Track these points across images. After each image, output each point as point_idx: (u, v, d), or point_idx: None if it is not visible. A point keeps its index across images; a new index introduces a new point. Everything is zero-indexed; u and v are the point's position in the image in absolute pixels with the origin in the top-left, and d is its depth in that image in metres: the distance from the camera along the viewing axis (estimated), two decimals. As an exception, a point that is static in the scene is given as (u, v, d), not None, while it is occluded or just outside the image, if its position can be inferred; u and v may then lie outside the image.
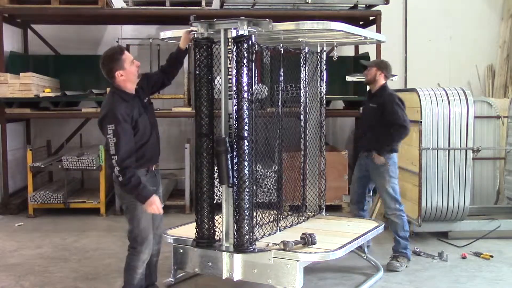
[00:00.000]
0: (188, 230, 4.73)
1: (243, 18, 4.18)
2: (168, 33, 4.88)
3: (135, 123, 4.04)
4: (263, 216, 4.76)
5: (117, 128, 3.89)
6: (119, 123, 3.90)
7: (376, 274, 5.19)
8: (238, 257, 4.31)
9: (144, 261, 4.23)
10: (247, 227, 4.23)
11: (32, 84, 7.78)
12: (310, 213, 5.53)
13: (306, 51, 5.28)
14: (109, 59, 4.06)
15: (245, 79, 4.14)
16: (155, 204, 4.02)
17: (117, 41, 8.88)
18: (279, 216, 4.96)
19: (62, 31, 9.31)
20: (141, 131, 4.09)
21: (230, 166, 4.18)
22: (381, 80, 5.47)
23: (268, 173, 7.33)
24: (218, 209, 4.44)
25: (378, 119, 5.37)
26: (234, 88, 4.17)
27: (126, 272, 4.26)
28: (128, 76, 4.07)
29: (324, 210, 5.68)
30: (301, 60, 5.25)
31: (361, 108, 6.76)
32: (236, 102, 4.17)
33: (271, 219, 4.86)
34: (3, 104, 7.87)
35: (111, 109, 3.96)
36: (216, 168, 4.28)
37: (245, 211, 4.21)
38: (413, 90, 6.41)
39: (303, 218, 5.38)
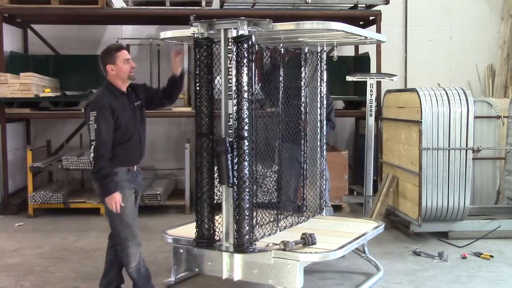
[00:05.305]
0: (188, 230, 4.73)
1: (243, 18, 4.18)
2: (168, 33, 4.88)
3: (117, 118, 4.11)
4: (263, 216, 4.76)
5: (98, 115, 4.03)
6: (101, 111, 4.04)
7: (376, 274, 5.19)
8: (238, 257, 4.31)
9: (135, 254, 4.21)
10: (247, 227, 4.23)
11: (32, 84, 7.78)
12: (310, 213, 5.53)
13: (306, 51, 5.28)
14: (104, 53, 4.25)
15: (245, 79, 4.14)
16: (116, 201, 4.05)
17: (117, 41, 8.87)
18: (279, 216, 4.96)
19: (62, 31, 9.30)
20: (123, 128, 4.16)
21: (230, 166, 4.18)
22: None
23: (268, 173, 7.33)
24: (218, 209, 4.44)
25: None
26: (234, 88, 4.17)
27: (127, 271, 4.26)
28: (118, 72, 4.19)
29: (324, 210, 5.68)
30: (302, 60, 5.25)
31: None
32: (236, 102, 4.17)
33: (271, 219, 4.85)
34: (3, 104, 7.86)
35: (96, 98, 4.16)
36: (216, 168, 4.29)
37: (245, 211, 4.20)
38: (413, 90, 6.41)
39: (303, 218, 5.38)
